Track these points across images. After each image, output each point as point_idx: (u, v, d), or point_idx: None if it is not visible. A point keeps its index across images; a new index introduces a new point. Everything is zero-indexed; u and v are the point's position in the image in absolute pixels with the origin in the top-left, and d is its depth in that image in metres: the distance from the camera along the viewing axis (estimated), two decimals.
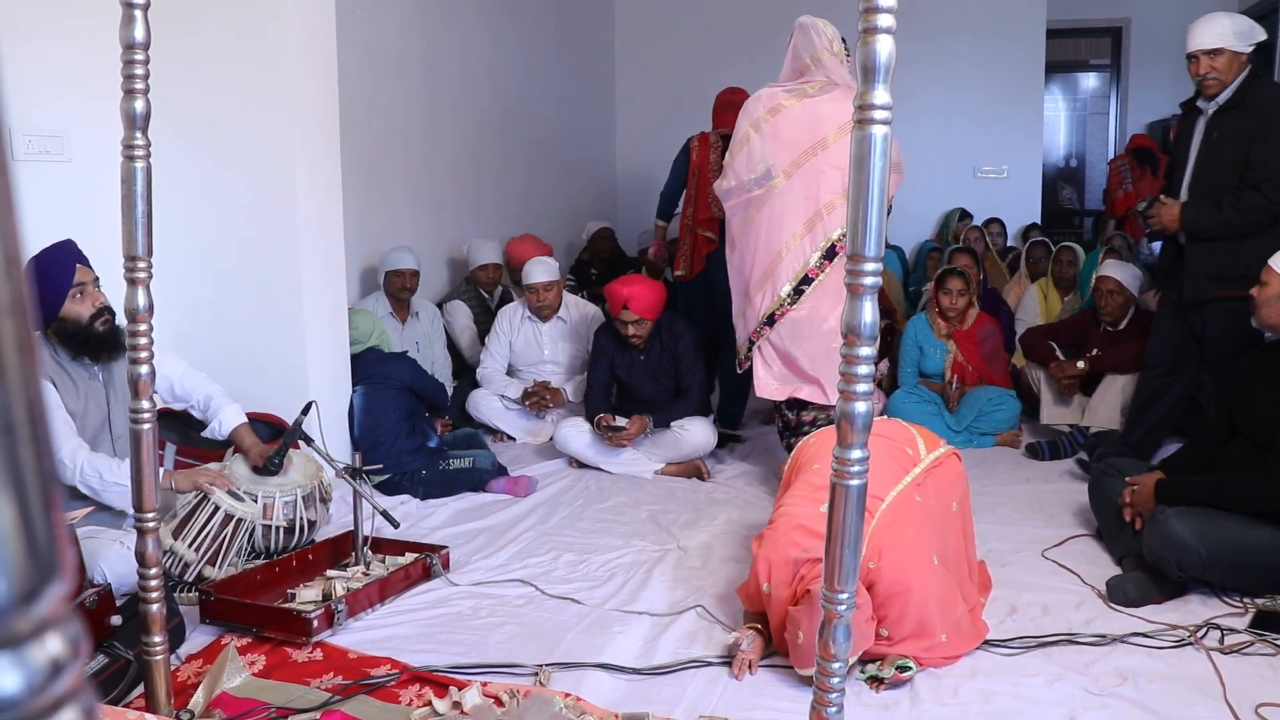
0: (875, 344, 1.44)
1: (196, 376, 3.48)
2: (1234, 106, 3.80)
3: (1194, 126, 3.97)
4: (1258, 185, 3.70)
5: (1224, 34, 3.74)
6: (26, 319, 0.33)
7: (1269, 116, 3.71)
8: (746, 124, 4.01)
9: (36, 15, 3.50)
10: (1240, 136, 3.75)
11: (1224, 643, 2.80)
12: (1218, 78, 3.79)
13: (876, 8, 1.33)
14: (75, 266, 3.07)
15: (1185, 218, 3.86)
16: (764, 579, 2.71)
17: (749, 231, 4.04)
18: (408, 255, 5.11)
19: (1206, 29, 3.79)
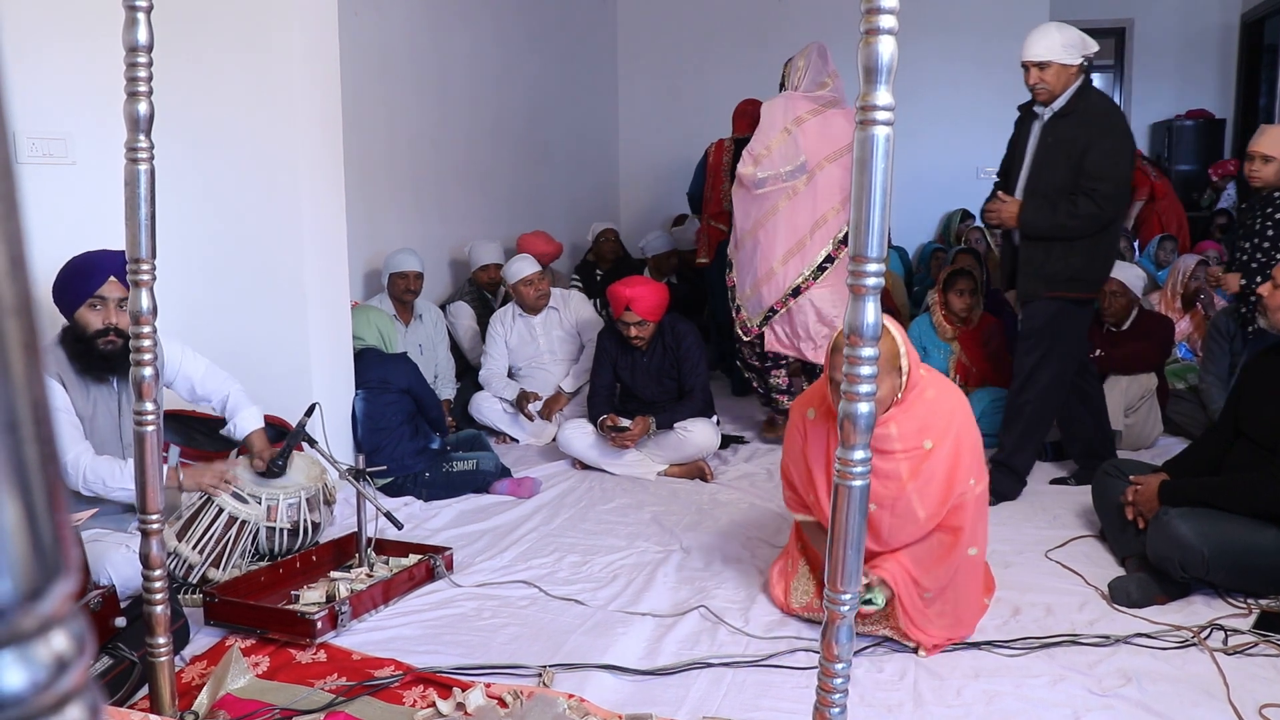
0: (878, 344, 1.44)
1: (218, 375, 3.48)
2: (1067, 114, 3.94)
3: (1030, 128, 4.10)
4: (1090, 192, 3.82)
5: (1052, 47, 3.88)
6: (32, 319, 0.34)
7: (1097, 126, 3.87)
8: (780, 125, 4.65)
9: (40, 19, 3.51)
10: (1073, 143, 3.89)
11: (1228, 644, 2.79)
12: (1046, 88, 3.93)
13: (878, 8, 1.33)
14: (108, 278, 3.06)
15: (1023, 217, 3.97)
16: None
17: (778, 215, 4.66)
18: (411, 257, 5.12)
19: (1036, 42, 3.92)
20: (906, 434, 2.75)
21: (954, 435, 2.75)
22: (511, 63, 6.99)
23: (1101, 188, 3.81)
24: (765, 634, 2.92)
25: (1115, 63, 10.63)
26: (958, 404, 2.84)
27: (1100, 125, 3.87)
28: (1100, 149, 3.84)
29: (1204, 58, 10.18)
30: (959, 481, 2.75)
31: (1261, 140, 4.04)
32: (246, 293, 4.13)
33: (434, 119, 5.99)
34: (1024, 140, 4.12)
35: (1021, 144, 4.13)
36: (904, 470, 2.74)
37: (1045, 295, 3.99)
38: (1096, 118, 3.90)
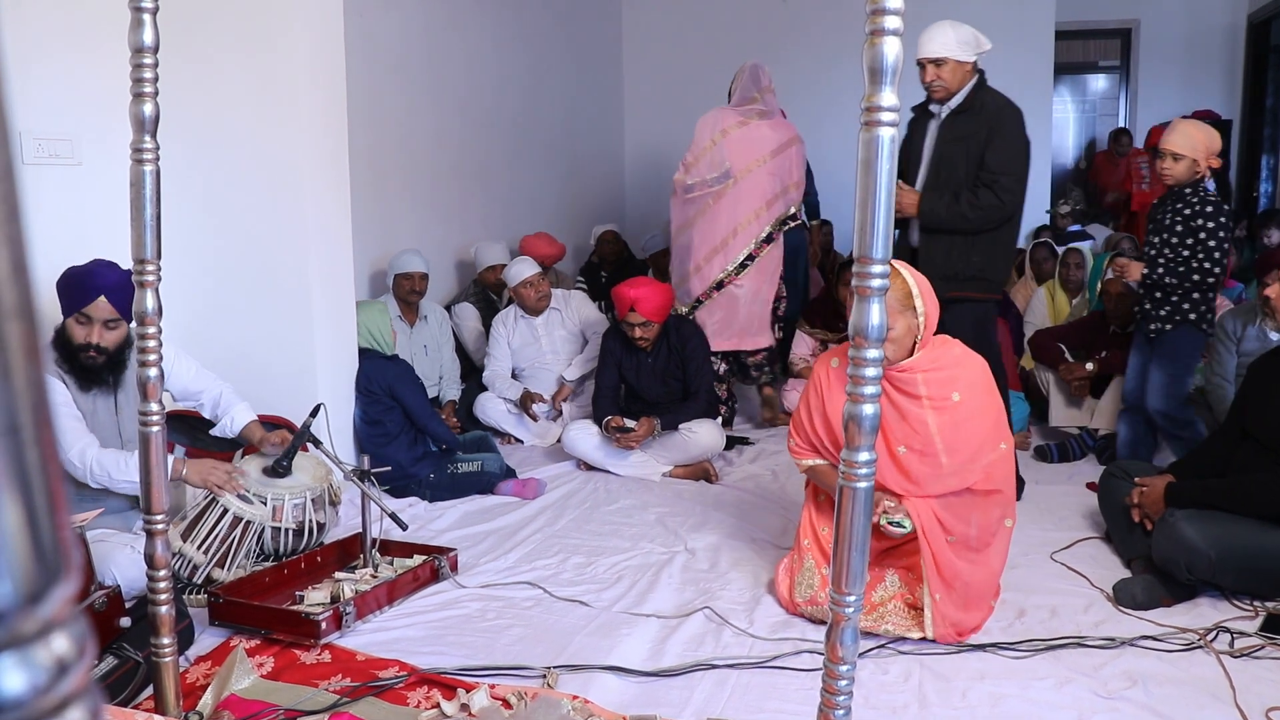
0: (882, 346, 1.44)
1: (207, 376, 3.49)
2: (964, 111, 3.97)
3: (926, 128, 4.10)
4: (991, 184, 3.85)
5: (948, 44, 3.91)
6: (33, 323, 0.34)
7: (995, 122, 3.90)
8: (708, 136, 5.24)
9: (47, 20, 3.51)
10: (972, 139, 3.92)
11: (1234, 646, 2.79)
12: (943, 85, 3.94)
13: (884, 10, 1.33)
14: (98, 298, 3.05)
15: (923, 206, 3.96)
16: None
17: (705, 216, 5.22)
18: (416, 258, 5.12)
19: (932, 39, 3.93)
20: (934, 383, 2.83)
21: (982, 392, 2.82)
22: (517, 64, 6.99)
23: (1003, 180, 3.84)
24: (770, 635, 2.92)
25: (1121, 64, 10.61)
26: (985, 367, 2.93)
27: (998, 121, 3.90)
28: (999, 144, 3.87)
29: (1210, 58, 10.15)
30: (990, 438, 2.82)
31: (1172, 138, 4.01)
32: (251, 293, 4.13)
33: (440, 119, 5.99)
34: (919, 140, 4.12)
35: (917, 144, 4.13)
36: (931, 420, 2.80)
37: (948, 295, 3.94)
38: (994, 114, 3.92)
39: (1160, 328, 4.13)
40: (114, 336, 3.10)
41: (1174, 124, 4.07)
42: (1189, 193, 4.03)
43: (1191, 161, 3.97)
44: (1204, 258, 3.98)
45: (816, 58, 8.49)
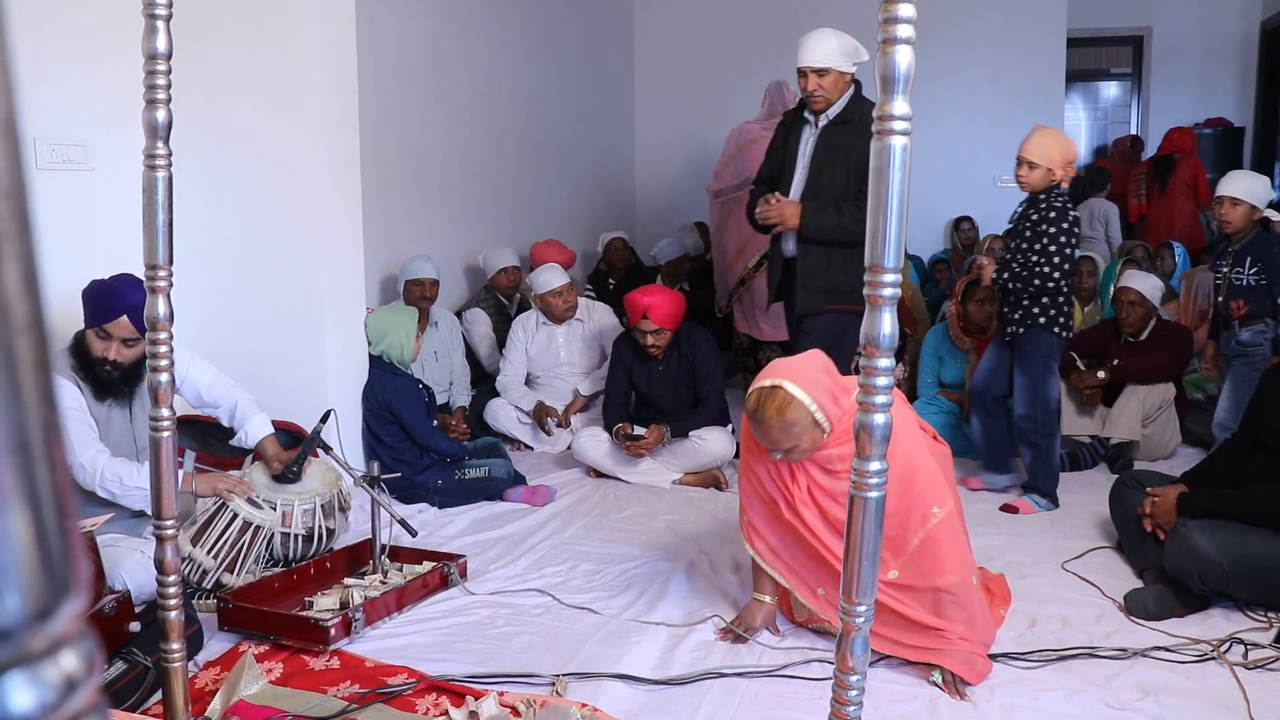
0: (893, 355, 1.43)
1: (224, 383, 3.49)
2: (844, 122, 3.95)
3: (800, 136, 4.08)
4: (861, 197, 3.77)
5: (831, 54, 3.86)
6: (44, 337, 0.33)
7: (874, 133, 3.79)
8: (734, 146, 5.84)
9: (61, 26, 3.53)
10: (851, 149, 3.88)
11: (1247, 658, 2.77)
12: (824, 95, 3.91)
13: (896, 18, 1.32)
14: (121, 316, 3.07)
15: (806, 219, 3.93)
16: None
17: (732, 219, 5.74)
18: (427, 264, 5.12)
19: (815, 47, 3.87)
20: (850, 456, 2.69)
21: (902, 456, 2.58)
22: (527, 70, 7.01)
23: None
24: (779, 644, 2.91)
25: (1133, 71, 10.59)
26: (904, 426, 2.66)
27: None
28: None
29: (1223, 66, 10.13)
30: (917, 506, 2.63)
31: (1029, 146, 3.99)
32: (262, 299, 4.14)
33: (449, 126, 6.00)
34: (793, 148, 4.10)
35: (790, 152, 4.10)
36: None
37: (826, 309, 3.99)
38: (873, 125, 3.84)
39: (1015, 331, 4.11)
40: (131, 354, 3.12)
41: (1032, 133, 4.04)
42: (1042, 200, 4.03)
43: (1047, 170, 3.97)
44: (1046, 264, 3.99)
45: None
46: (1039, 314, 4.04)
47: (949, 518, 2.66)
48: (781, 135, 4.19)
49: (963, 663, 2.65)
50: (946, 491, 2.70)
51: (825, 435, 2.60)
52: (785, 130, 4.18)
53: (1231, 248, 4.25)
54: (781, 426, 2.53)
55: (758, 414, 2.54)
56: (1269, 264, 4.11)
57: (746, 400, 2.60)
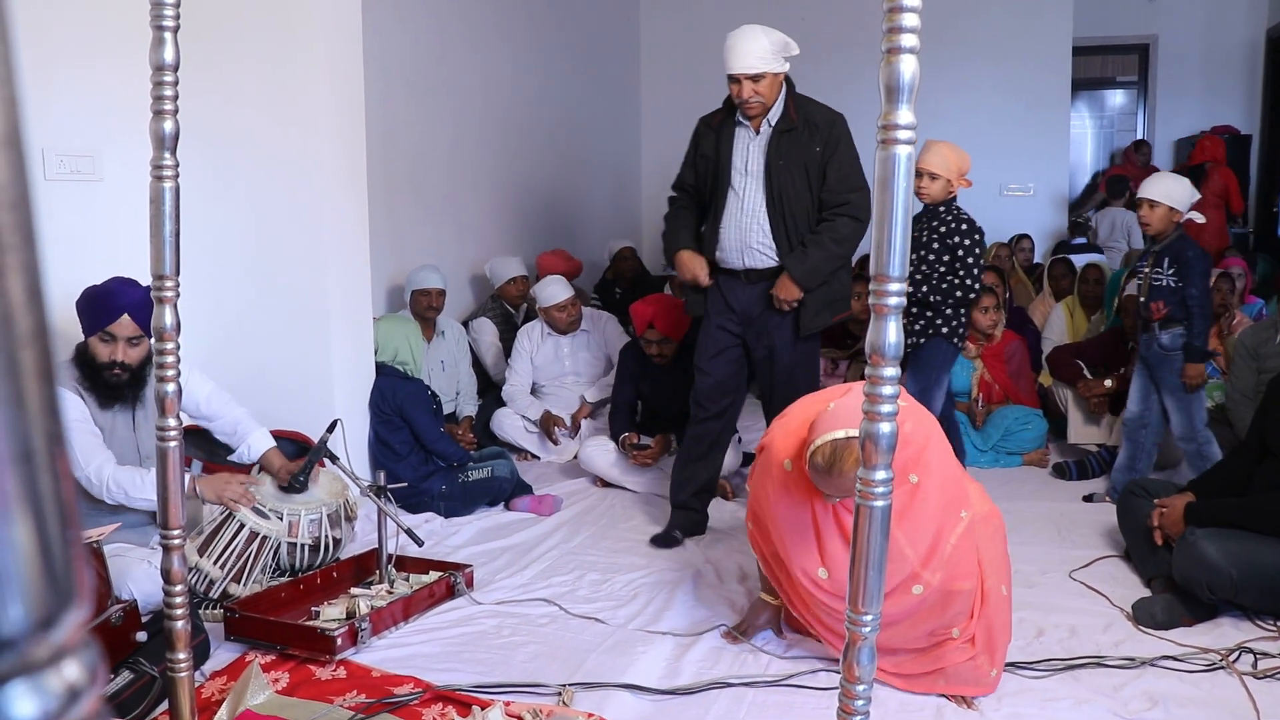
0: (899, 364, 1.43)
1: (223, 397, 3.49)
2: (791, 129, 3.70)
3: (735, 145, 3.79)
4: (842, 207, 3.70)
5: (764, 55, 3.59)
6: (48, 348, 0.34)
7: (828, 136, 3.70)
8: None
9: (69, 37, 3.54)
10: (809, 158, 3.69)
11: (1257, 667, 2.75)
12: (761, 101, 3.65)
13: (900, 28, 1.32)
14: (121, 315, 3.07)
15: (799, 275, 3.68)
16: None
17: None
18: (434, 274, 5.13)
19: (747, 51, 3.59)
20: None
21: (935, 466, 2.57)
22: (533, 80, 7.02)
23: (854, 199, 3.69)
24: (786, 653, 2.91)
25: (1139, 79, 10.59)
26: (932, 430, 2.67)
27: (831, 135, 3.70)
28: (841, 160, 3.70)
29: (1229, 73, 10.12)
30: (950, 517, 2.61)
31: (928, 158, 3.98)
32: (269, 309, 4.15)
33: (456, 135, 6.02)
34: (728, 158, 3.79)
35: (725, 162, 3.80)
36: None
37: (833, 321, 3.95)
38: (826, 128, 3.71)
39: (915, 342, 4.09)
40: (137, 353, 3.12)
41: (928, 145, 4.04)
42: (943, 211, 4.03)
43: (946, 181, 3.99)
44: (964, 274, 4.00)
45: (833, 74, 8.49)
46: (942, 324, 4.04)
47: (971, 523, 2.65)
48: (710, 142, 3.86)
49: (964, 682, 2.64)
50: (968, 495, 2.69)
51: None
52: (714, 136, 3.85)
53: (1153, 248, 4.26)
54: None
55: (835, 467, 2.41)
56: (1183, 266, 4.13)
57: (815, 453, 2.45)
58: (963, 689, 2.63)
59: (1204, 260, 4.20)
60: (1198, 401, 4.21)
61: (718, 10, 8.86)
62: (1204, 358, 4.14)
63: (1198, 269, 4.10)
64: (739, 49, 3.59)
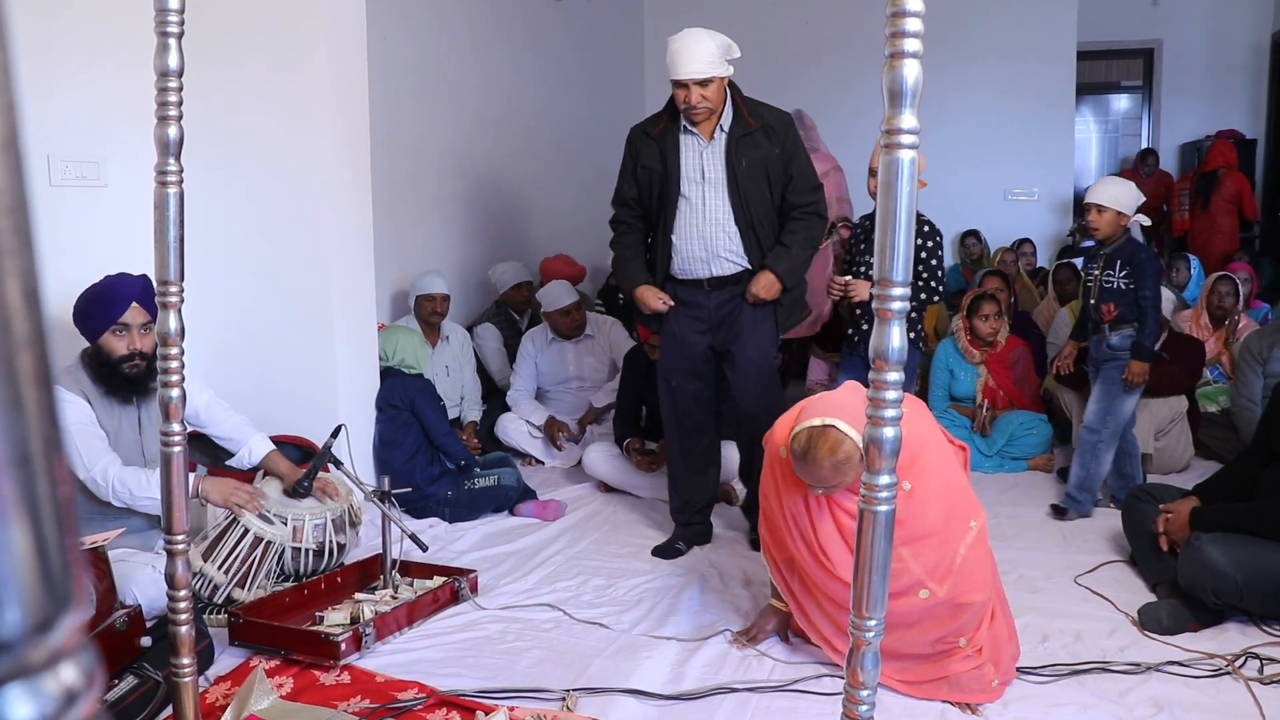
0: (903, 369, 1.43)
1: (221, 405, 3.50)
2: (747, 133, 3.59)
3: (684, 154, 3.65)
4: (808, 207, 3.67)
5: (711, 59, 3.47)
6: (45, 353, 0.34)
7: (788, 136, 3.65)
8: None
9: (74, 43, 3.56)
10: (770, 160, 3.61)
11: (1263, 673, 2.75)
12: (708, 106, 3.54)
13: (903, 32, 1.32)
14: (130, 304, 3.09)
15: (782, 271, 3.64)
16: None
17: None
18: (439, 279, 5.14)
19: (693, 56, 3.46)
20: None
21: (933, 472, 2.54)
22: (538, 84, 7.03)
23: (815, 198, 3.68)
24: (790, 658, 2.90)
25: (1144, 83, 10.58)
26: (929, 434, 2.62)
27: (787, 135, 3.65)
28: (800, 159, 3.67)
29: (1234, 78, 10.11)
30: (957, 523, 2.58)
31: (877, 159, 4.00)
32: (273, 314, 4.16)
33: (460, 141, 6.03)
34: (675, 167, 3.65)
35: (673, 172, 3.65)
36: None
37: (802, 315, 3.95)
38: (781, 127, 3.65)
39: None
40: (149, 341, 3.14)
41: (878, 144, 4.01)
42: None
43: None
44: (927, 276, 4.00)
45: (837, 79, 8.51)
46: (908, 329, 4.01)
47: (981, 532, 2.63)
48: (652, 153, 3.69)
49: (967, 690, 2.63)
50: (978, 504, 2.67)
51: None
52: (657, 146, 3.69)
53: (1103, 251, 4.26)
54: (833, 466, 2.47)
55: (809, 454, 2.47)
56: (1136, 268, 4.13)
57: (794, 439, 2.52)
58: (966, 696, 2.62)
59: (1155, 262, 4.25)
60: (1122, 403, 4.21)
61: (722, 15, 8.86)
62: (1151, 358, 4.15)
63: (1150, 270, 4.13)
64: (685, 54, 3.46)
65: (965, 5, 8.22)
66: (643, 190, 3.77)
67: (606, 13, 8.23)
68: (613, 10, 8.38)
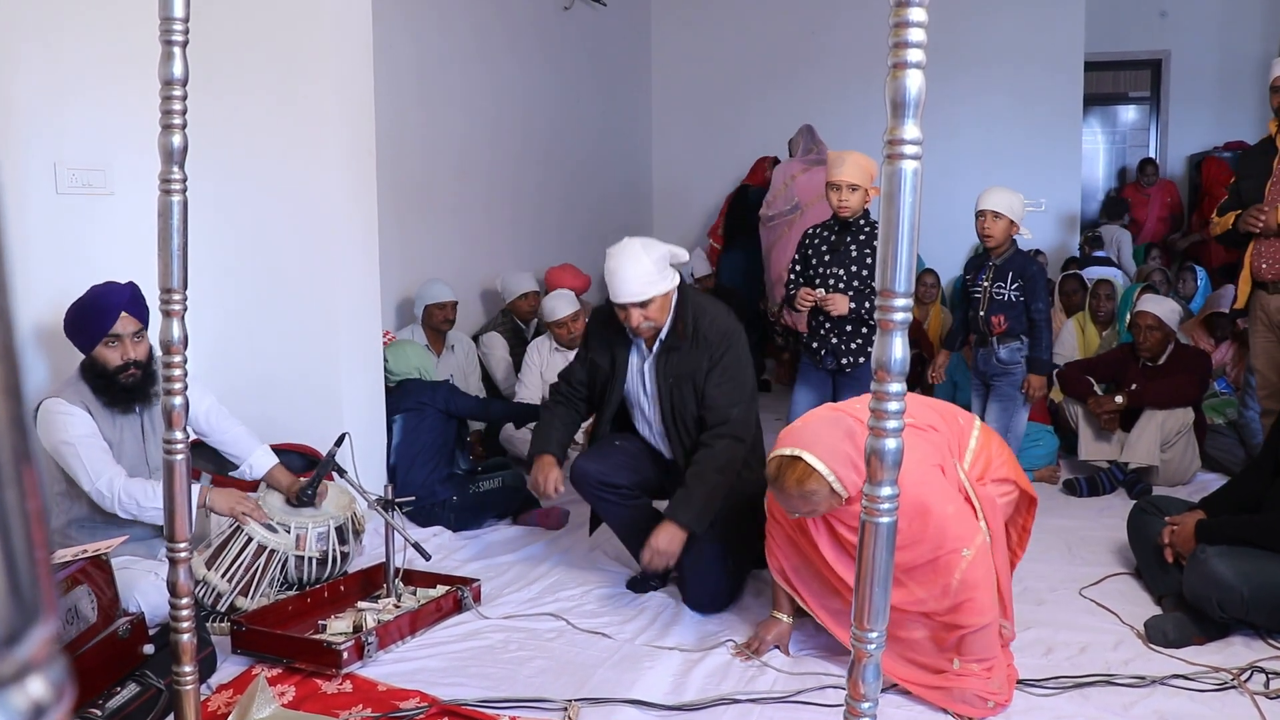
0: (904, 380, 1.42)
1: (222, 412, 3.49)
2: (675, 347, 3.36)
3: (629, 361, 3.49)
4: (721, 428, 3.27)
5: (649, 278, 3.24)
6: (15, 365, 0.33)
7: (716, 348, 3.32)
8: (781, 181, 6.65)
9: (81, 52, 3.57)
10: (697, 372, 3.31)
11: (1269, 686, 2.73)
12: (653, 325, 3.32)
13: (906, 43, 1.32)
14: (119, 314, 3.08)
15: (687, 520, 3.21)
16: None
17: (781, 241, 6.38)
18: (446, 288, 5.16)
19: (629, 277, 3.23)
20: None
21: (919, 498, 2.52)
22: (545, 93, 7.04)
23: (735, 415, 3.29)
24: (793, 670, 2.89)
25: (1151, 95, 10.57)
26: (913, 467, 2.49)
27: (719, 346, 3.31)
28: (726, 370, 3.30)
29: (1242, 89, 10.09)
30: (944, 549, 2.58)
31: (843, 169, 3.89)
32: (278, 322, 4.16)
33: (467, 150, 6.04)
34: (622, 372, 3.48)
35: (619, 376, 3.49)
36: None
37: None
38: (717, 339, 3.33)
39: (853, 361, 4.05)
40: (143, 349, 3.14)
41: (840, 156, 3.95)
42: (863, 223, 3.97)
43: (865, 191, 3.91)
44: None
45: (843, 88, 8.51)
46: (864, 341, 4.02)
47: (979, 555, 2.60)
48: (606, 352, 3.51)
49: (969, 702, 2.63)
50: (971, 530, 2.63)
51: (843, 501, 2.55)
52: (609, 353, 3.51)
53: (992, 262, 4.23)
54: (800, 496, 2.51)
55: (777, 482, 2.54)
56: (1028, 281, 4.10)
57: (767, 466, 2.59)
58: (965, 709, 2.61)
59: (1044, 274, 4.23)
60: (1019, 415, 4.20)
61: (729, 23, 8.90)
62: (1048, 370, 4.12)
63: (1041, 283, 4.13)
64: (620, 275, 3.23)
65: (973, 15, 8.22)
66: (590, 380, 3.59)
67: (614, 20, 8.24)
68: (620, 18, 8.39)
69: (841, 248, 4.01)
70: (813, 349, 4.21)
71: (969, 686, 2.62)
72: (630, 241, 3.32)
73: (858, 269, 3.99)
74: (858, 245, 3.98)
